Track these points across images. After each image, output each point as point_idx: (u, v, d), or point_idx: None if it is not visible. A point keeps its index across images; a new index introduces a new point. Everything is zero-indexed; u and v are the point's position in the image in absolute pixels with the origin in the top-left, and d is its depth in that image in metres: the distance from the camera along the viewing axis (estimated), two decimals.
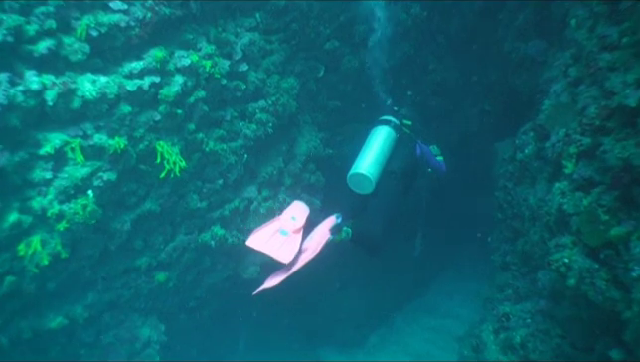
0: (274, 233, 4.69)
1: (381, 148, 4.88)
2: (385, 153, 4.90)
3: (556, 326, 5.14)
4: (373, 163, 4.73)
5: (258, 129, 6.11)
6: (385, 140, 4.98)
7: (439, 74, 8.22)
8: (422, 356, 8.77)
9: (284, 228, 4.72)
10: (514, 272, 6.43)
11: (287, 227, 4.73)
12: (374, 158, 4.77)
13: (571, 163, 4.37)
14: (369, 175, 4.66)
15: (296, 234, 4.71)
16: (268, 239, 4.63)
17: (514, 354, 5.60)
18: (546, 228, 4.97)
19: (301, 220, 4.80)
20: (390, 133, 5.06)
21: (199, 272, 6.45)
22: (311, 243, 4.59)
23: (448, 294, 9.94)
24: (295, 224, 4.75)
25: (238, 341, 8.80)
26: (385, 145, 4.94)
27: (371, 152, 4.83)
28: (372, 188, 4.75)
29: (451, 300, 9.75)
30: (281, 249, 4.55)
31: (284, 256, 4.49)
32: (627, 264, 3.57)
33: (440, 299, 9.91)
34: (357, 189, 4.83)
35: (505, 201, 6.52)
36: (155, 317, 6.11)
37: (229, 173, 6.04)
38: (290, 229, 4.72)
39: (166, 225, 5.79)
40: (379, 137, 4.99)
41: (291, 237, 4.69)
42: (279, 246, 4.57)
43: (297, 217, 4.81)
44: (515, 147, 6.27)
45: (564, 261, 4.20)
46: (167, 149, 5.13)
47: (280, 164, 6.63)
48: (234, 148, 5.94)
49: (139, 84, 4.77)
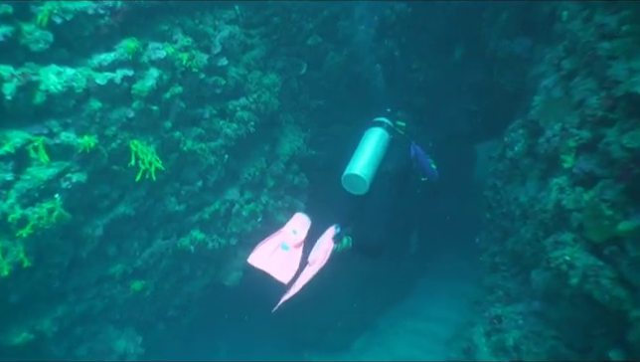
0: (276, 248, 4.59)
1: (374, 149, 4.81)
2: (379, 154, 4.82)
3: (550, 327, 4.86)
4: (367, 164, 4.66)
5: (239, 128, 5.69)
6: (378, 141, 4.90)
7: (423, 72, 7.88)
8: (408, 360, 8.47)
9: (286, 242, 4.62)
10: (504, 273, 6.10)
11: (288, 241, 4.63)
12: (368, 159, 4.70)
13: (570, 157, 4.07)
14: (363, 176, 4.58)
15: (297, 248, 4.63)
16: (270, 255, 4.54)
17: (507, 356, 5.31)
18: (541, 226, 4.65)
19: (302, 234, 4.70)
20: (383, 135, 4.98)
21: (178, 280, 5.98)
22: (318, 254, 4.45)
23: (432, 297, 9.71)
24: (296, 238, 4.66)
25: (219, 350, 8.35)
26: (378, 146, 4.86)
27: (365, 153, 4.76)
28: (366, 189, 4.66)
29: (435, 303, 9.49)
30: (283, 267, 4.48)
31: (285, 275, 4.42)
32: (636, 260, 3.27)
33: (424, 302, 9.66)
34: (351, 190, 4.73)
35: (494, 200, 6.20)
36: (132, 328, 5.62)
37: (208, 174, 5.60)
38: (291, 243, 4.62)
39: (142, 230, 5.32)
40: (372, 139, 4.92)
41: (292, 252, 4.60)
42: (281, 263, 4.50)
43: (298, 231, 4.71)
44: (504, 145, 5.98)
45: (565, 259, 3.92)
46: (142, 148, 4.67)
47: (262, 165, 6.21)
48: (213, 148, 5.51)
49: (110, 77, 4.31)
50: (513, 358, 5.18)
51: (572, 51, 4.61)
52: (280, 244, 4.61)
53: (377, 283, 9.25)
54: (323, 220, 4.79)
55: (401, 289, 9.81)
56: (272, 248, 4.58)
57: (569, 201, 4.00)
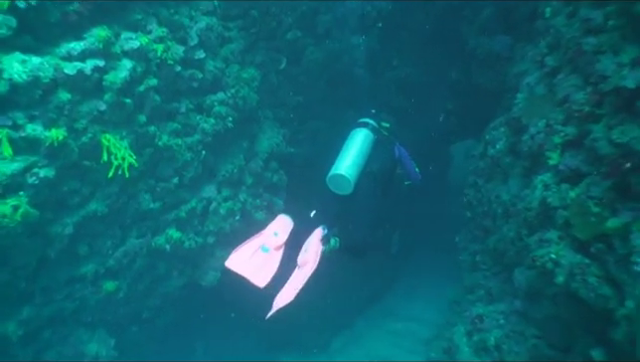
0: (255, 250, 4.48)
1: (359, 150, 4.79)
2: (363, 155, 4.80)
3: (532, 326, 4.75)
4: (352, 164, 4.64)
5: (217, 123, 5.46)
6: (363, 142, 4.88)
7: (403, 70, 7.75)
8: (386, 360, 8.27)
9: (266, 244, 4.52)
10: (485, 272, 5.97)
11: (269, 243, 4.52)
12: (353, 159, 4.68)
13: (556, 154, 3.94)
14: (348, 176, 4.55)
15: (277, 251, 4.53)
16: (249, 258, 4.42)
17: (488, 356, 5.19)
18: (524, 224, 4.51)
19: (283, 236, 4.59)
20: (368, 135, 4.96)
21: (153, 280, 5.70)
22: (308, 256, 4.37)
23: (410, 297, 9.55)
24: (277, 240, 4.54)
25: (195, 351, 8.07)
26: (363, 147, 4.84)
27: (350, 154, 4.74)
28: (351, 189, 4.63)
29: (413, 303, 9.33)
30: (260, 270, 4.38)
31: (261, 279, 4.31)
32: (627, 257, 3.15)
33: (402, 302, 9.50)
34: (336, 190, 4.70)
35: (475, 198, 6.07)
36: (103, 331, 5.33)
37: (185, 171, 5.34)
38: (272, 245, 4.51)
39: (115, 228, 5.05)
40: (357, 139, 4.89)
41: (272, 254, 4.50)
42: (259, 266, 4.40)
43: (280, 233, 4.60)
44: (485, 143, 5.87)
45: (551, 256, 3.80)
46: (114, 143, 4.42)
47: (241, 162, 5.98)
48: (190, 144, 5.27)
49: (80, 67, 4.05)
50: (494, 358, 5.07)
51: (556, 47, 4.50)
52: (260, 246, 4.50)
53: (355, 283, 9.07)
54: (306, 220, 4.73)
55: (380, 289, 9.64)
56: (252, 250, 4.47)
57: (555, 198, 3.88)
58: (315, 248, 4.38)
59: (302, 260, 4.40)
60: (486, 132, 5.94)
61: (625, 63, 3.36)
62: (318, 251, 4.36)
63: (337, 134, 7.49)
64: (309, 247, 4.44)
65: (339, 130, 7.57)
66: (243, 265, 4.35)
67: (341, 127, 7.49)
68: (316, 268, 4.31)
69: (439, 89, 8.04)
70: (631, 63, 3.30)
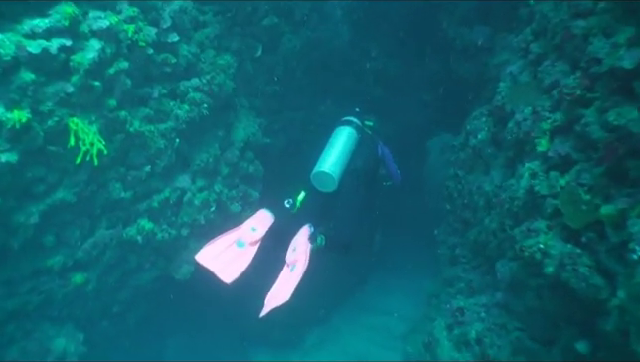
0: (230, 244, 4.39)
1: (343, 148, 4.81)
2: (347, 153, 4.82)
3: (514, 319, 4.62)
4: (335, 162, 4.65)
5: (191, 110, 5.22)
6: (347, 140, 4.89)
7: (381, 61, 7.60)
8: (363, 356, 8.19)
9: (242, 238, 4.42)
10: (465, 265, 5.86)
11: (245, 238, 4.42)
12: (336, 157, 4.70)
13: (544, 140, 3.82)
14: (332, 173, 4.57)
15: (252, 246, 4.43)
16: (220, 252, 4.33)
17: (469, 351, 5.06)
18: (509, 214, 4.39)
19: (261, 231, 4.50)
20: (351, 133, 4.97)
21: (124, 273, 5.43)
22: (298, 255, 4.34)
23: (386, 292, 9.41)
24: (254, 235, 4.44)
25: (166, 349, 7.82)
26: (347, 145, 4.86)
27: (334, 152, 4.75)
28: (335, 186, 4.64)
29: (389, 298, 9.21)
30: (230, 265, 4.26)
31: (229, 275, 4.19)
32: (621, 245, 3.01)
33: (378, 297, 9.36)
34: (320, 187, 4.71)
35: (455, 190, 5.95)
36: (71, 325, 5.07)
37: (157, 159, 5.08)
38: (248, 240, 4.41)
39: (83, 218, 4.77)
40: (341, 137, 4.90)
41: (247, 249, 4.39)
42: (230, 261, 4.28)
43: (258, 228, 4.51)
44: (467, 133, 5.76)
45: (539, 246, 3.65)
46: (83, 128, 4.15)
47: (216, 151, 5.75)
48: (163, 131, 5.02)
49: (44, 45, 3.76)
50: (475, 352, 4.95)
51: (542, 33, 4.40)
52: (236, 240, 4.42)
53: (330, 278, 8.91)
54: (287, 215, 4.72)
55: (356, 284, 9.49)
56: (226, 244, 4.38)
57: (543, 186, 3.74)
58: (304, 246, 4.35)
59: (291, 258, 4.35)
60: (467, 123, 5.84)
61: (621, 43, 3.21)
62: (307, 249, 4.33)
63: (314, 125, 7.42)
64: (297, 245, 4.41)
65: (316, 121, 7.49)
66: (213, 259, 4.26)
67: (318, 119, 7.40)
68: (307, 266, 4.26)
69: (418, 80, 7.92)
70: (627, 43, 3.17)
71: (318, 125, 7.54)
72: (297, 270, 4.22)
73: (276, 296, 4.19)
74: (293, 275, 4.21)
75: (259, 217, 4.62)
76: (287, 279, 4.25)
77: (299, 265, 4.25)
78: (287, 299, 4.09)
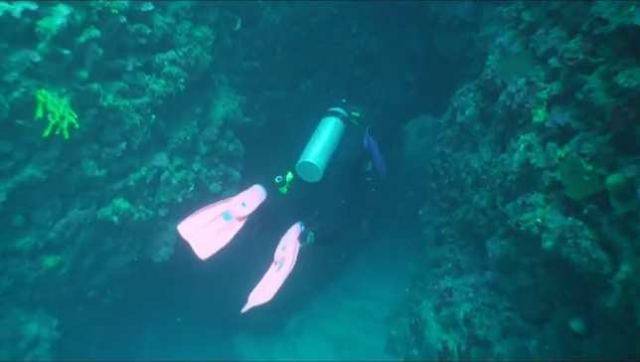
0: (216, 217, 4.25)
1: (329, 138, 4.77)
2: (333, 143, 4.78)
3: (504, 299, 4.50)
4: (321, 152, 4.61)
5: (168, 85, 4.96)
6: (333, 130, 4.85)
7: (362, 38, 7.40)
8: (344, 340, 8.11)
9: (230, 212, 4.26)
10: (451, 245, 5.71)
11: (234, 212, 4.26)
12: (322, 147, 4.65)
13: (542, 110, 3.63)
14: (317, 164, 4.51)
15: (239, 221, 4.28)
16: (204, 225, 4.18)
17: (457, 331, 4.93)
18: (501, 190, 4.22)
19: (251, 208, 4.36)
20: (337, 124, 4.93)
21: (99, 255, 5.17)
22: (286, 254, 4.29)
23: (366, 275, 9.33)
24: (243, 211, 4.29)
25: (144, 334, 7.59)
26: (333, 135, 4.81)
27: (319, 142, 4.71)
28: (319, 176, 4.58)
29: (370, 281, 9.13)
30: (209, 241, 4.11)
31: (206, 250, 4.05)
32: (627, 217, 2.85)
33: (358, 281, 9.27)
34: (306, 177, 4.64)
35: (442, 169, 5.80)
36: (44, 310, 4.81)
37: (133, 136, 4.81)
38: (236, 214, 4.26)
39: (55, 197, 4.50)
40: (327, 127, 4.86)
41: (232, 224, 4.25)
42: (210, 236, 4.14)
43: (248, 204, 4.37)
44: (453, 110, 5.60)
45: (537, 221, 3.47)
46: (52, 100, 3.88)
47: (194, 129, 5.50)
48: (138, 106, 4.76)
49: (6, 9, 3.47)
50: (464, 332, 4.81)
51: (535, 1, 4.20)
52: (224, 212, 4.26)
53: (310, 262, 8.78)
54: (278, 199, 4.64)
55: (336, 268, 9.34)
56: (212, 216, 4.22)
57: (540, 159, 3.55)
58: (293, 245, 4.30)
59: (280, 257, 4.28)
60: (453, 99, 5.67)
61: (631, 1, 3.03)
62: (296, 248, 4.29)
63: (294, 105, 7.23)
64: (287, 244, 4.35)
65: (296, 101, 7.30)
66: (194, 232, 4.10)
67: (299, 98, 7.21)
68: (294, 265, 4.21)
69: (400, 59, 7.76)
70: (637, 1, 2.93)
71: (299, 105, 7.35)
72: (284, 269, 4.18)
73: (260, 294, 4.13)
74: (279, 274, 4.16)
75: (252, 192, 4.49)
76: (273, 278, 4.19)
77: (286, 264, 4.20)
78: (270, 299, 4.03)
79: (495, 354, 4.44)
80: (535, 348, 4.15)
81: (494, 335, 4.55)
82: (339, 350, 8.03)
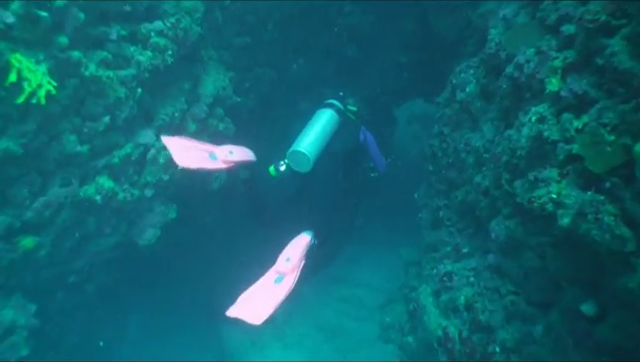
0: (203, 150, 4.12)
1: (322, 129, 4.71)
2: (326, 134, 4.73)
3: (508, 282, 4.24)
4: (313, 142, 4.55)
5: (155, 57, 4.62)
6: (327, 122, 4.80)
7: (355, 17, 7.11)
8: (336, 329, 7.82)
9: (217, 153, 4.14)
10: (450, 229, 5.46)
11: (220, 154, 4.14)
12: (314, 137, 4.59)
13: (556, 79, 3.36)
14: (307, 153, 4.46)
15: (223, 164, 4.13)
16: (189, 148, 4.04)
17: (458, 317, 4.69)
18: (507, 168, 3.97)
19: (237, 157, 4.26)
20: (333, 116, 4.88)
21: (81, 237, 4.82)
22: (290, 267, 4.06)
23: (356, 263, 8.99)
24: (229, 157, 4.17)
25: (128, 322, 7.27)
26: (327, 127, 4.77)
27: (312, 132, 4.65)
28: (309, 167, 4.52)
29: (360, 269, 8.84)
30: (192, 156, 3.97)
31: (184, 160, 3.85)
32: None
33: (348, 268, 8.89)
34: (296, 167, 4.59)
35: (440, 149, 5.55)
36: (21, 295, 4.47)
37: (117, 110, 4.47)
38: (221, 157, 4.13)
39: (33, 174, 4.15)
40: (322, 119, 4.81)
41: (215, 162, 4.10)
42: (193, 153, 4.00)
43: (235, 153, 4.26)
44: (452, 87, 5.34)
45: (551, 197, 3.20)
46: (28, 66, 3.55)
47: (182, 105, 5.16)
48: (123, 78, 4.42)
49: None
50: (464, 318, 4.56)
51: None
52: (210, 151, 4.15)
53: None
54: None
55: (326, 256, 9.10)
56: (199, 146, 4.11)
57: (554, 131, 3.29)
58: (299, 259, 4.12)
59: (282, 268, 4.05)
60: (452, 77, 5.42)
61: None
62: (301, 263, 4.12)
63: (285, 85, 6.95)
64: (292, 256, 4.14)
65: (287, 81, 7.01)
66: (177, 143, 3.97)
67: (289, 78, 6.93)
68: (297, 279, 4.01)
69: (394, 40, 7.49)
70: None
71: (289, 86, 7.06)
72: (285, 284, 3.94)
73: (253, 306, 3.83)
74: (279, 289, 3.91)
75: (241, 148, 4.38)
76: (269, 290, 3.91)
77: (288, 279, 3.97)
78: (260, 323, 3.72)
79: (499, 340, 4.21)
80: (540, 333, 3.93)
81: (497, 320, 4.31)
82: (331, 339, 7.79)
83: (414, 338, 6.35)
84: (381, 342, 7.14)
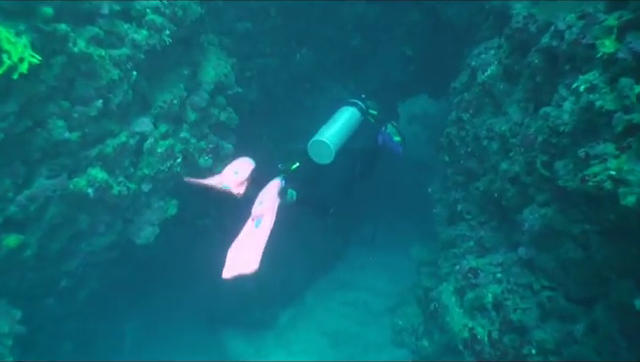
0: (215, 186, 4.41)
1: (346, 124, 4.70)
2: (348, 130, 4.72)
3: (542, 277, 3.81)
4: (336, 134, 4.52)
5: (151, 36, 4.10)
6: (350, 118, 4.80)
7: (360, 5, 6.64)
8: (341, 334, 7.44)
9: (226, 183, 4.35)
10: (470, 222, 4.99)
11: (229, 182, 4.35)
12: (337, 130, 4.57)
13: (610, 40, 2.90)
14: (330, 143, 4.42)
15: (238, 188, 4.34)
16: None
17: (485, 317, 4.22)
18: (543, 150, 3.52)
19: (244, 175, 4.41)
20: (355, 114, 4.89)
21: (72, 236, 4.25)
22: (264, 208, 4.12)
23: (360, 267, 8.66)
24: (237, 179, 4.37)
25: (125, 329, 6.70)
26: (350, 123, 4.77)
27: (336, 125, 4.64)
28: (331, 158, 4.50)
29: (363, 273, 8.49)
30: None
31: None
32: None
33: (352, 272, 8.60)
34: (316, 157, 4.55)
35: (458, 138, 5.08)
36: (5, 301, 3.88)
37: (111, 93, 3.92)
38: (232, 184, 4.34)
39: (16, 163, 3.59)
40: (345, 114, 4.81)
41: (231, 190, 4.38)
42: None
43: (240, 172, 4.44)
44: (472, 70, 4.92)
45: (610, 174, 2.71)
46: (7, 37, 3.04)
47: (182, 92, 4.64)
48: (117, 58, 3.90)
49: None
50: (492, 317, 4.09)
51: None
52: (221, 183, 4.29)
53: (302, 253, 8.01)
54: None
55: (330, 260, 8.67)
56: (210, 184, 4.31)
57: (608, 100, 2.81)
58: (272, 200, 4.12)
59: (257, 212, 4.07)
60: (470, 59, 5.00)
61: None
62: (275, 204, 4.12)
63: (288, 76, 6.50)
64: (265, 198, 4.13)
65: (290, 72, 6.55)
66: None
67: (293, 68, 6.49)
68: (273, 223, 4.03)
69: (398, 30, 7.04)
70: None
71: (292, 77, 6.58)
72: (263, 226, 3.97)
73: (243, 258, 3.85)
74: (259, 233, 3.94)
75: (239, 162, 4.46)
76: (252, 236, 3.95)
77: (265, 220, 3.98)
78: (255, 268, 3.76)
79: (535, 340, 3.74)
80: (582, 332, 3.47)
81: (531, 319, 3.86)
82: (337, 344, 7.38)
83: (430, 341, 5.93)
84: (391, 346, 6.73)
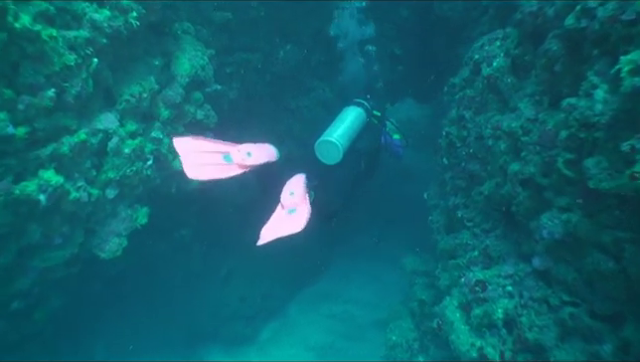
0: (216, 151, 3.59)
1: (352, 124, 4.50)
2: (354, 130, 4.51)
3: (561, 291, 3.27)
4: (343, 135, 4.31)
5: (115, 18, 3.46)
6: (356, 119, 4.59)
7: None
8: (326, 348, 6.98)
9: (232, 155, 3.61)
10: (472, 230, 4.43)
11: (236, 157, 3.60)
12: (345, 131, 4.36)
13: None
14: (339, 144, 4.21)
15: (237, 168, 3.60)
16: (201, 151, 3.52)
17: (494, 335, 3.69)
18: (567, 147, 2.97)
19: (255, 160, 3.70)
20: (361, 114, 4.67)
21: (21, 250, 3.55)
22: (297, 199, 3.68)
23: (344, 278, 8.22)
24: (246, 160, 3.63)
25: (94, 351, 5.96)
26: (356, 123, 4.55)
27: (343, 125, 4.42)
28: (339, 158, 4.28)
29: (348, 284, 8.06)
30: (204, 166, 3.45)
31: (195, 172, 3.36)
32: None
33: (336, 284, 8.16)
34: (323, 158, 4.32)
35: (459, 138, 4.54)
36: None
37: (66, 82, 3.26)
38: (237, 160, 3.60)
39: None
40: (351, 114, 4.59)
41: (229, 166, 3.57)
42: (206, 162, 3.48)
43: (254, 155, 3.72)
44: (474, 63, 4.39)
45: None
46: None
47: (152, 85, 3.99)
48: (72, 41, 3.24)
49: None
50: (503, 335, 3.58)
51: None
52: (225, 152, 3.62)
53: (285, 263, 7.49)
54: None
55: (313, 272, 8.22)
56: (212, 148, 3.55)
57: None
58: (302, 192, 3.74)
59: (289, 202, 3.67)
60: (471, 52, 4.48)
61: None
62: (306, 196, 3.74)
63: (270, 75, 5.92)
64: (294, 189, 3.77)
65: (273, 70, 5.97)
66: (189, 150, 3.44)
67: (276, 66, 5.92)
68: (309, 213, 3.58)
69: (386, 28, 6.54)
70: None
71: (275, 75, 5.98)
72: (299, 213, 3.56)
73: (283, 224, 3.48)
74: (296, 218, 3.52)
75: (262, 147, 3.81)
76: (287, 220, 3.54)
77: (301, 210, 3.58)
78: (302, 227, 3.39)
79: None
80: (610, 352, 2.95)
81: (550, 338, 3.31)
82: (322, 359, 6.82)
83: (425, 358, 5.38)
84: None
